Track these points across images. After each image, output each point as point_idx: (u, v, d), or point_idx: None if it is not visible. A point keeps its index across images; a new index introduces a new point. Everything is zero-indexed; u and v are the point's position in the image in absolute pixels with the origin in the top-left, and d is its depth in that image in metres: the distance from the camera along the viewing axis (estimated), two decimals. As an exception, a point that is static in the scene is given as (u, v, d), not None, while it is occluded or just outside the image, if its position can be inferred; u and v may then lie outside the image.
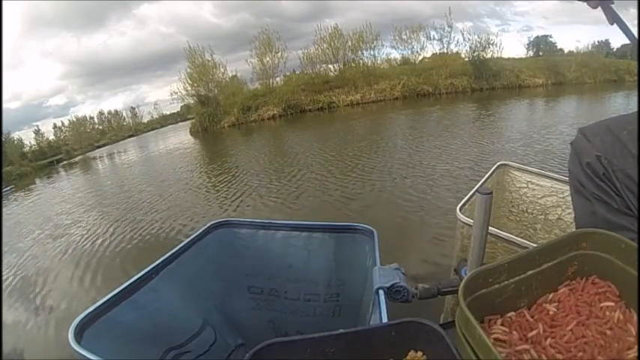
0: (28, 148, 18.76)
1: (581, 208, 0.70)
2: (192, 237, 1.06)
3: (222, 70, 16.12)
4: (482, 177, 1.33)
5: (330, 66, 16.51)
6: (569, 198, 0.75)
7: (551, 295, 0.52)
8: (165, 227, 3.66)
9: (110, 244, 3.49)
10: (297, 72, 16.91)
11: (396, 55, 17.31)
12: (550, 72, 14.81)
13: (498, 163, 1.47)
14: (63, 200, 6.72)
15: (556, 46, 19.26)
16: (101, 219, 4.53)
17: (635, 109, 0.65)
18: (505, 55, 16.27)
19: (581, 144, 0.71)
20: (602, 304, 0.49)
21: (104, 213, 4.83)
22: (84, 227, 4.31)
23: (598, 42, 16.19)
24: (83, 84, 35.45)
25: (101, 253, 3.31)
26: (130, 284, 0.83)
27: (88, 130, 22.22)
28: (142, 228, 3.78)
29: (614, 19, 0.73)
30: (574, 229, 0.68)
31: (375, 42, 16.32)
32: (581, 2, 0.75)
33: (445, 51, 16.33)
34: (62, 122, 21.59)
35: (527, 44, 19.81)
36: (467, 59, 15.74)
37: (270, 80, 15.97)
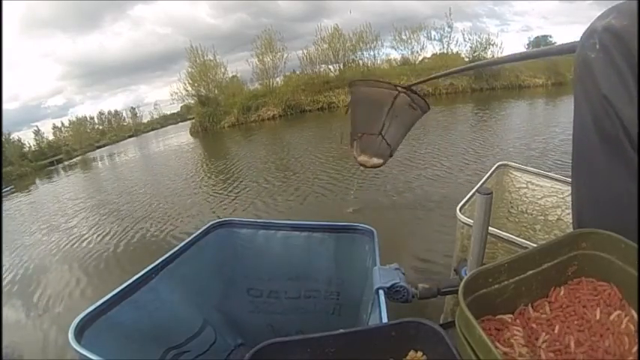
0: (27, 148, 18.75)
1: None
2: (192, 237, 1.06)
3: (222, 70, 16.16)
4: (482, 176, 1.33)
5: (330, 66, 16.51)
6: (569, 198, 0.70)
7: (551, 295, 0.52)
8: (164, 227, 3.66)
9: (109, 244, 3.49)
10: (297, 72, 16.92)
11: (395, 55, 17.32)
12: (550, 72, 14.78)
13: (498, 164, 1.47)
14: (62, 200, 6.72)
15: (556, 46, 19.21)
16: (101, 219, 4.53)
17: None
18: (505, 55, 16.23)
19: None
20: (601, 305, 0.49)
21: (104, 213, 4.82)
22: (83, 227, 4.31)
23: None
24: (82, 85, 35.20)
25: (99, 253, 3.32)
26: (129, 284, 0.83)
27: (88, 131, 22.18)
28: (142, 228, 3.78)
29: None
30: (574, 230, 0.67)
31: (374, 42, 16.33)
32: (581, 2, 0.67)
33: (445, 51, 16.33)
34: (62, 122, 21.55)
35: (527, 44, 19.74)
36: (467, 59, 15.72)
37: (270, 80, 15.98)
